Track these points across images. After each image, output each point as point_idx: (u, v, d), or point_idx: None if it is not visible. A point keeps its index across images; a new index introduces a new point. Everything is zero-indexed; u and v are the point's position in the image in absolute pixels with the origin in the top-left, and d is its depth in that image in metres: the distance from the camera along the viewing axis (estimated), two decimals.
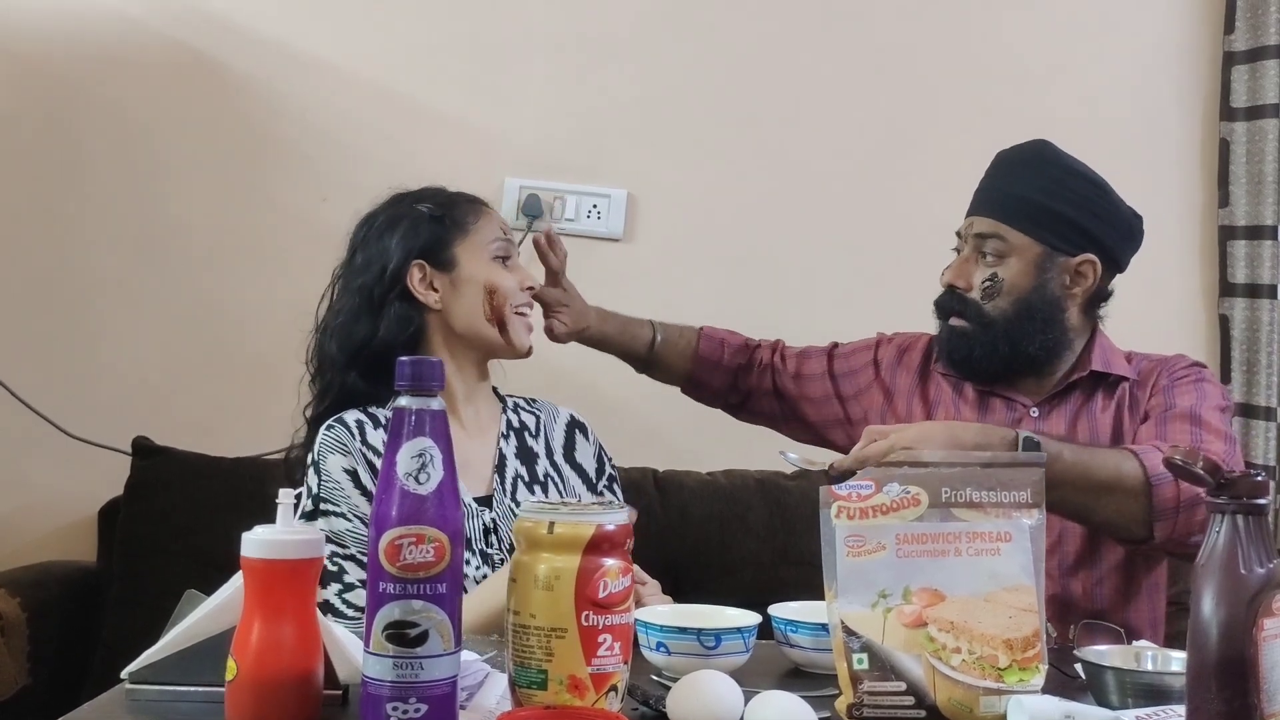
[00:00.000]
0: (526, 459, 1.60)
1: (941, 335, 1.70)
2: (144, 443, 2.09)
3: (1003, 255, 1.63)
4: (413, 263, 1.58)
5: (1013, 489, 1.06)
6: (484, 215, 1.64)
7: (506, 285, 1.59)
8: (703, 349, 1.84)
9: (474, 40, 2.34)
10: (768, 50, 2.39)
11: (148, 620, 1.27)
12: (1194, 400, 1.60)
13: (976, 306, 1.64)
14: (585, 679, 0.94)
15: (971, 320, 1.65)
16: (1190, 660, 0.89)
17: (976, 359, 1.65)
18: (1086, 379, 1.67)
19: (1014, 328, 1.63)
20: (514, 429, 1.62)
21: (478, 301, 1.58)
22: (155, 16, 2.27)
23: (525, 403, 1.68)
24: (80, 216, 2.26)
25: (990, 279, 1.64)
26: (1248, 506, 0.88)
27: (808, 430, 1.84)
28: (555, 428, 1.66)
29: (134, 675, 1.03)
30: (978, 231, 1.65)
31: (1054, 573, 1.59)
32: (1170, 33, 2.47)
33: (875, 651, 1.01)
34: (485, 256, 1.60)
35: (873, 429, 1.42)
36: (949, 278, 1.67)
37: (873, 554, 1.03)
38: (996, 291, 1.63)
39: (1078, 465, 1.41)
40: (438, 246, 1.60)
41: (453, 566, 0.91)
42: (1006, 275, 1.63)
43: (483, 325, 1.58)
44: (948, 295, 1.68)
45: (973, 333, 1.64)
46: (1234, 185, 2.41)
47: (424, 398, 0.93)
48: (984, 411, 1.69)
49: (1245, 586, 0.86)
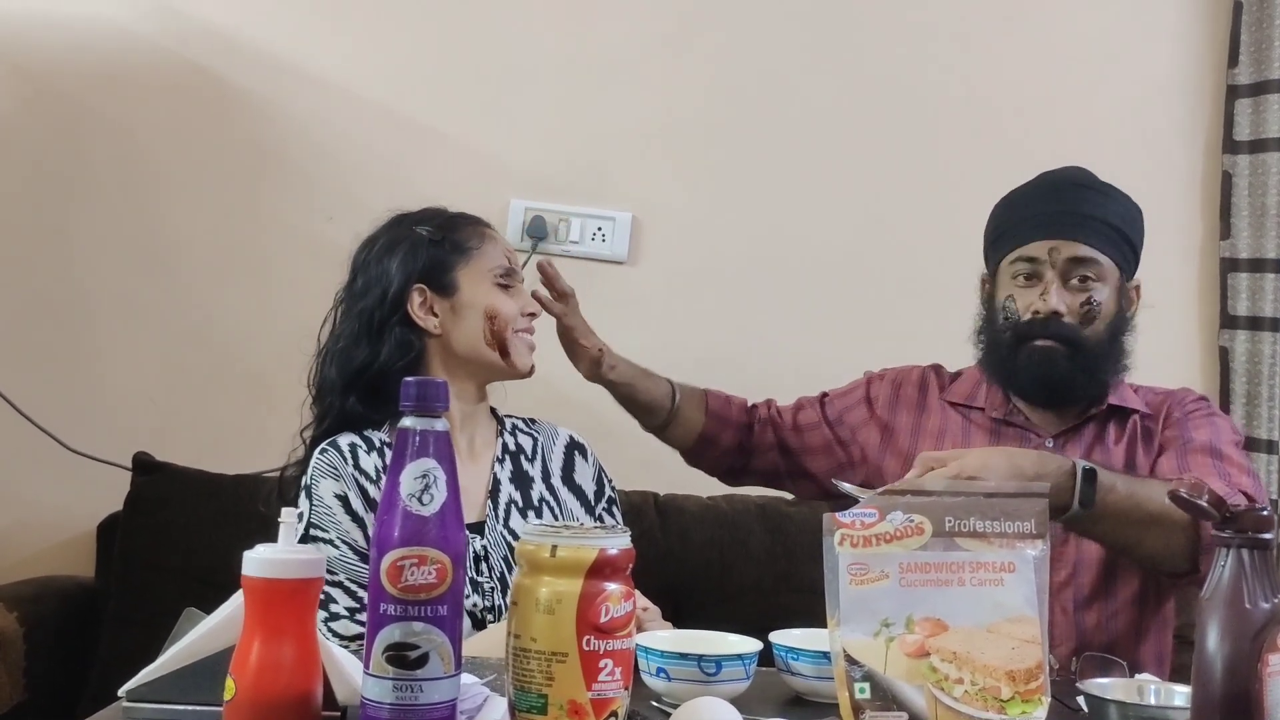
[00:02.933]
0: (521, 484, 1.59)
1: (1027, 358, 1.63)
2: (144, 458, 2.09)
3: (1095, 278, 1.62)
4: (413, 287, 1.57)
5: (1017, 519, 1.06)
6: (486, 238, 1.63)
7: (507, 311, 1.58)
8: (712, 404, 1.80)
9: (480, 62, 2.35)
10: (772, 75, 2.41)
11: (145, 637, 1.26)
12: (1210, 434, 1.60)
13: (1074, 330, 1.61)
14: (586, 704, 0.93)
15: (1065, 343, 1.61)
16: (1194, 695, 0.88)
17: (1061, 380, 1.62)
18: (1102, 412, 1.66)
19: (1104, 352, 1.63)
20: (510, 452, 1.61)
21: (478, 326, 1.57)
22: (161, 34, 2.28)
23: (524, 424, 1.67)
24: (83, 231, 2.26)
25: (1088, 302, 1.62)
26: (1253, 541, 0.87)
27: (811, 483, 1.80)
28: (554, 449, 1.65)
29: (132, 693, 1.03)
30: (1071, 256, 1.62)
31: (1068, 606, 1.58)
32: (1174, 65, 2.49)
33: (877, 681, 1.00)
34: (487, 282, 1.59)
35: (928, 456, 1.37)
36: (1053, 305, 1.61)
37: (876, 582, 1.03)
38: (1095, 315, 1.62)
39: (1130, 498, 1.40)
40: (438, 270, 1.59)
41: (454, 589, 0.91)
42: (1102, 300, 1.62)
43: (484, 349, 1.57)
44: (1042, 321, 1.62)
45: (1064, 353, 1.61)
46: (1236, 218, 2.42)
47: (428, 419, 0.93)
48: (997, 440, 1.68)
49: (1250, 621, 0.86)
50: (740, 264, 2.39)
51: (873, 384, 1.81)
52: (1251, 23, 2.41)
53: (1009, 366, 1.66)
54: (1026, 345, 1.63)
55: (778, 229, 2.40)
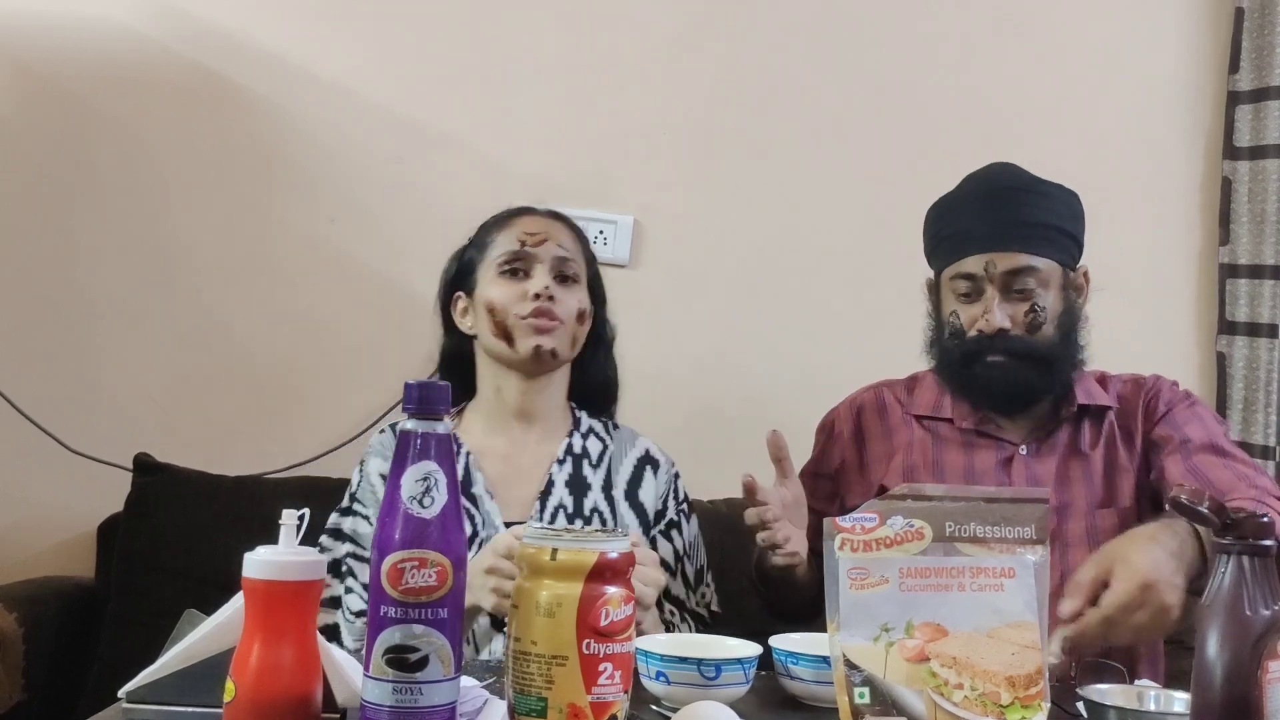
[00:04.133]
0: (577, 489, 1.55)
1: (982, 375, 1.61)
2: (145, 459, 2.09)
3: (1035, 285, 1.60)
4: (455, 295, 1.64)
5: (1017, 525, 1.06)
6: (505, 228, 1.61)
7: (501, 298, 1.56)
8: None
9: (484, 65, 2.35)
10: (775, 80, 2.41)
11: (145, 638, 1.26)
12: (1204, 431, 1.58)
13: (1022, 342, 1.59)
14: (585, 708, 0.93)
15: (1015, 356, 1.59)
16: (1194, 702, 0.88)
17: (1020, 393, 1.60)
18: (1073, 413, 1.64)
19: (1059, 353, 1.61)
20: (573, 455, 1.58)
21: (486, 321, 1.58)
22: (167, 35, 2.28)
23: (603, 428, 1.64)
24: (87, 232, 2.26)
25: (1031, 310, 1.59)
26: (1253, 548, 0.88)
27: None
28: (625, 460, 1.61)
29: (131, 694, 1.03)
30: (1008, 269, 1.59)
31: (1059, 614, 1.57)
32: (1175, 71, 2.49)
33: (877, 686, 1.00)
34: (491, 274, 1.59)
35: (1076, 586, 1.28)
36: (998, 323, 1.58)
37: (876, 587, 1.03)
38: (1041, 322, 1.60)
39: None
40: (467, 273, 1.63)
41: (455, 591, 0.91)
42: (1046, 304, 1.60)
43: (495, 342, 1.57)
44: (989, 338, 1.60)
45: (1015, 367, 1.59)
46: (1235, 224, 2.42)
47: (430, 421, 0.93)
48: (970, 451, 1.65)
49: (1250, 628, 0.86)
50: (742, 268, 2.39)
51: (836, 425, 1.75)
52: (1252, 29, 2.42)
53: (964, 381, 1.65)
54: (979, 362, 1.61)
55: (779, 233, 2.40)
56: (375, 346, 2.28)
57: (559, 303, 1.55)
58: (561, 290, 1.57)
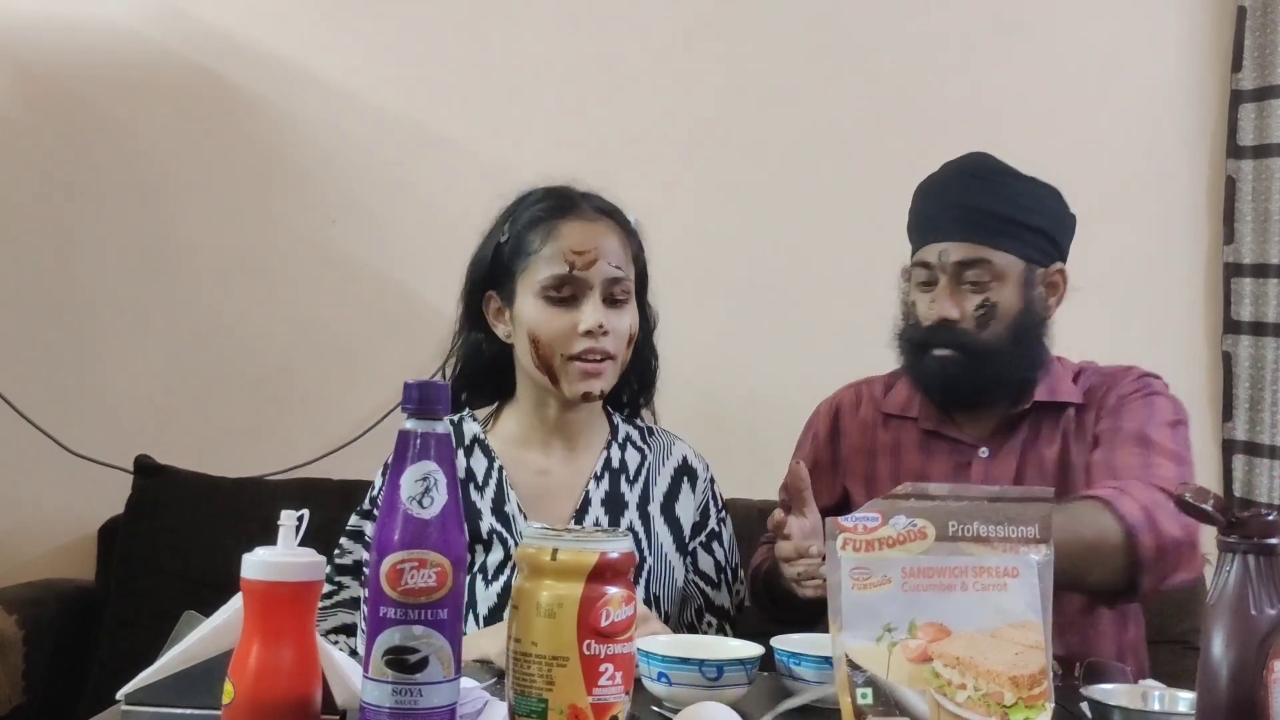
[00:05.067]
0: (613, 508, 1.48)
1: (928, 368, 1.58)
2: (146, 461, 2.09)
3: (989, 279, 1.54)
4: (487, 293, 1.49)
5: (1020, 524, 1.05)
6: (549, 235, 1.43)
7: (547, 332, 1.41)
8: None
9: (484, 67, 2.35)
10: (775, 83, 2.40)
11: (145, 640, 1.26)
12: (1143, 419, 1.52)
13: (970, 336, 1.54)
14: (586, 709, 0.93)
15: (963, 350, 1.55)
16: (1200, 702, 0.88)
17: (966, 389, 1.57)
18: (1030, 410, 1.60)
19: (1008, 353, 1.55)
20: (610, 469, 1.50)
21: (526, 348, 1.43)
22: (167, 36, 2.28)
23: (639, 436, 1.54)
24: (88, 233, 2.26)
25: (983, 305, 1.54)
26: (1259, 546, 0.87)
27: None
28: (662, 471, 1.53)
29: (130, 696, 1.02)
30: (959, 259, 1.54)
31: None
32: (1178, 70, 2.48)
33: (880, 686, 1.00)
34: (533, 295, 1.42)
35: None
36: (942, 311, 1.54)
37: (878, 587, 1.02)
38: (991, 318, 1.54)
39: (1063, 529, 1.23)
40: (504, 276, 1.46)
41: (454, 592, 0.90)
42: (999, 299, 1.54)
43: (537, 374, 1.44)
44: (935, 329, 1.56)
45: (963, 361, 1.55)
46: (1240, 223, 2.41)
47: (429, 421, 0.92)
48: (928, 455, 1.62)
49: (1256, 628, 0.85)
50: (744, 268, 2.38)
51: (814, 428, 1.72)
52: (1255, 27, 2.41)
53: (916, 374, 1.61)
54: (927, 354, 1.57)
55: (782, 236, 2.39)
56: (376, 348, 2.28)
57: (610, 334, 1.42)
58: (612, 316, 1.43)
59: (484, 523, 1.46)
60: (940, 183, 1.63)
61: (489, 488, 1.48)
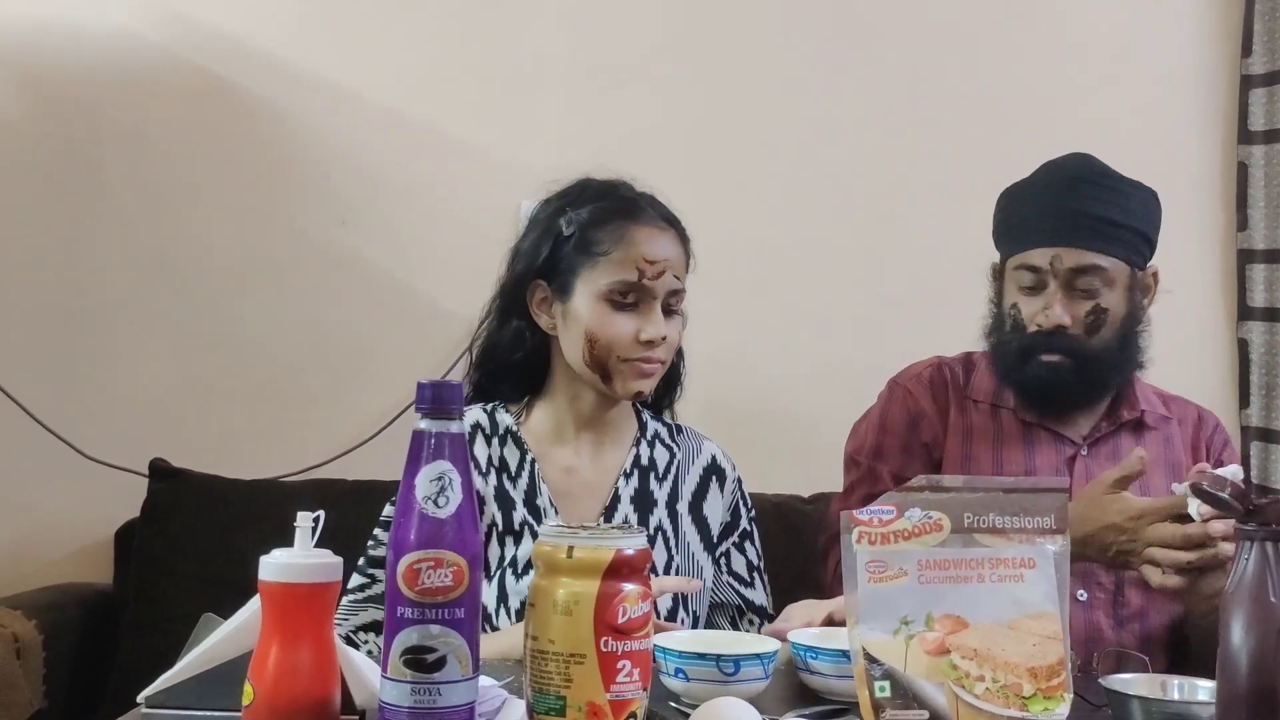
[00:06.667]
0: (642, 506, 1.48)
1: (1034, 372, 1.57)
2: (161, 465, 2.10)
3: (1100, 284, 1.55)
4: (534, 281, 1.47)
5: (1036, 514, 1.05)
6: (623, 242, 1.43)
7: (609, 336, 1.41)
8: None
9: (491, 66, 2.35)
10: (782, 78, 2.40)
11: (163, 643, 1.27)
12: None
13: (1080, 341, 1.55)
14: (604, 705, 0.93)
15: (1072, 356, 1.55)
16: (1219, 690, 0.88)
17: (1074, 393, 1.57)
18: (1134, 419, 1.62)
19: (1116, 358, 1.57)
20: (639, 467, 1.50)
21: (579, 344, 1.43)
22: (174, 41, 2.29)
23: (667, 433, 1.55)
24: (99, 238, 2.27)
25: (1093, 311, 1.55)
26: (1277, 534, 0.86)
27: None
28: (690, 470, 1.53)
29: (150, 699, 1.03)
30: (1074, 265, 1.54)
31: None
32: (1188, 56, 2.47)
33: (897, 679, 1.00)
34: (597, 297, 1.42)
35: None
36: (1056, 319, 1.54)
37: (894, 579, 1.02)
38: (1101, 324, 1.55)
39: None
40: (561, 268, 1.45)
41: (471, 591, 0.90)
42: (1110, 305, 1.56)
43: (586, 371, 1.44)
44: (1045, 334, 1.56)
45: (1072, 367, 1.56)
46: (1252, 209, 2.40)
47: (444, 421, 0.92)
48: (1029, 445, 1.62)
49: (1275, 615, 0.85)
50: (751, 264, 2.38)
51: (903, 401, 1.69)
52: (1265, 12, 2.39)
53: (1018, 376, 1.61)
54: (1033, 359, 1.57)
55: (787, 228, 2.39)
56: (387, 347, 2.28)
57: (666, 343, 1.45)
58: (668, 326, 1.45)
59: (517, 513, 1.45)
60: (1043, 185, 1.62)
61: (522, 479, 1.47)
